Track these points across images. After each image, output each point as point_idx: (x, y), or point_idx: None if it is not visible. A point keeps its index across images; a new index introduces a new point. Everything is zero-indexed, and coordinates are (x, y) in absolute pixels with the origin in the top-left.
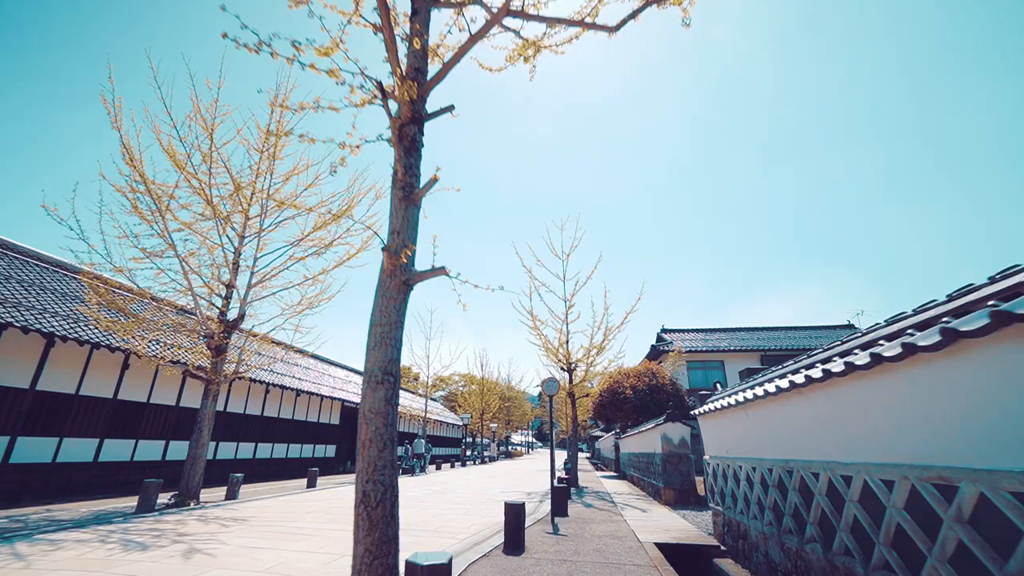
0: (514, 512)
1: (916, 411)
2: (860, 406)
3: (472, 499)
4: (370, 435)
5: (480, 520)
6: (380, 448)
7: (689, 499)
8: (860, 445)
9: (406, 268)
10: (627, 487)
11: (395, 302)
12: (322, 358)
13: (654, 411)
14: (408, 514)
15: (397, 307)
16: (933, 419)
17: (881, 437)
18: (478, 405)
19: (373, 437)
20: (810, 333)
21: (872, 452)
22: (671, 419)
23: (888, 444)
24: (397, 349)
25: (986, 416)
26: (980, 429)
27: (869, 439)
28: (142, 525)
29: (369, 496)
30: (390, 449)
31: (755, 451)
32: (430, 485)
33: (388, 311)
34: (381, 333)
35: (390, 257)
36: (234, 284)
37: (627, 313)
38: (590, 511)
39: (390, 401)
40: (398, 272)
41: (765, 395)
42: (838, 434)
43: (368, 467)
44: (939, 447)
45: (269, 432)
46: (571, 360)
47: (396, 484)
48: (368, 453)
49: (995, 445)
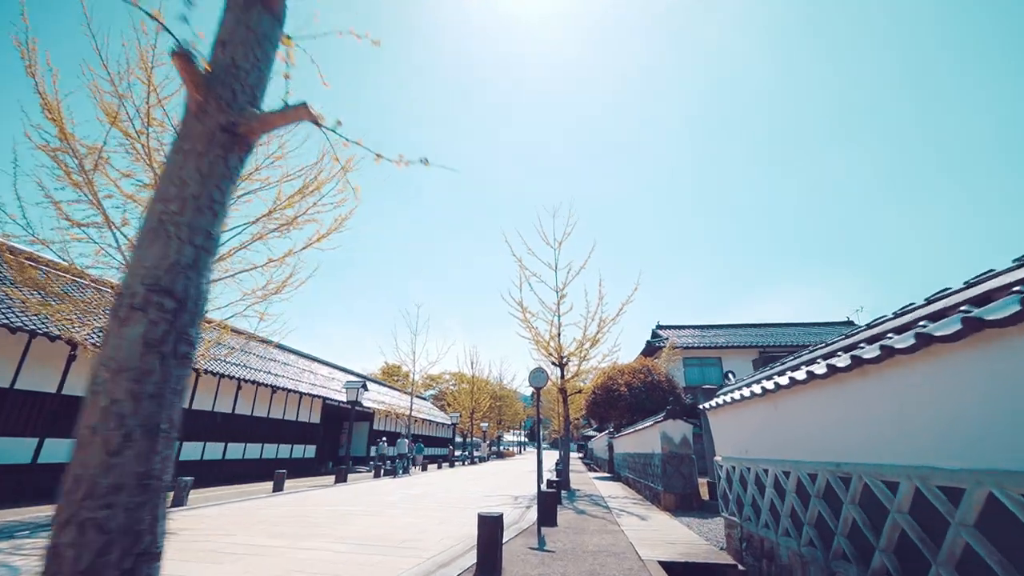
0: (489, 527)
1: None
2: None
3: (452, 504)
4: (97, 420)
5: (456, 531)
6: (116, 450)
7: (691, 504)
8: (979, 445)
9: (231, 106)
10: (622, 489)
11: (202, 161)
12: (304, 354)
13: (650, 409)
14: (373, 524)
15: (205, 171)
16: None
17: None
18: (468, 404)
19: (102, 425)
20: (809, 330)
21: (1000, 454)
22: (672, 416)
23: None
24: (195, 248)
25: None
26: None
27: (996, 436)
28: (40, 542)
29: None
30: (151, 453)
31: (787, 452)
32: (409, 488)
33: (186, 176)
34: (163, 216)
35: (197, 83)
36: None
37: (623, 304)
38: (582, 519)
39: (160, 349)
40: (213, 110)
41: (808, 379)
42: (940, 429)
43: (80, 494)
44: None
45: (241, 431)
46: (563, 354)
47: (159, 532)
48: (86, 460)
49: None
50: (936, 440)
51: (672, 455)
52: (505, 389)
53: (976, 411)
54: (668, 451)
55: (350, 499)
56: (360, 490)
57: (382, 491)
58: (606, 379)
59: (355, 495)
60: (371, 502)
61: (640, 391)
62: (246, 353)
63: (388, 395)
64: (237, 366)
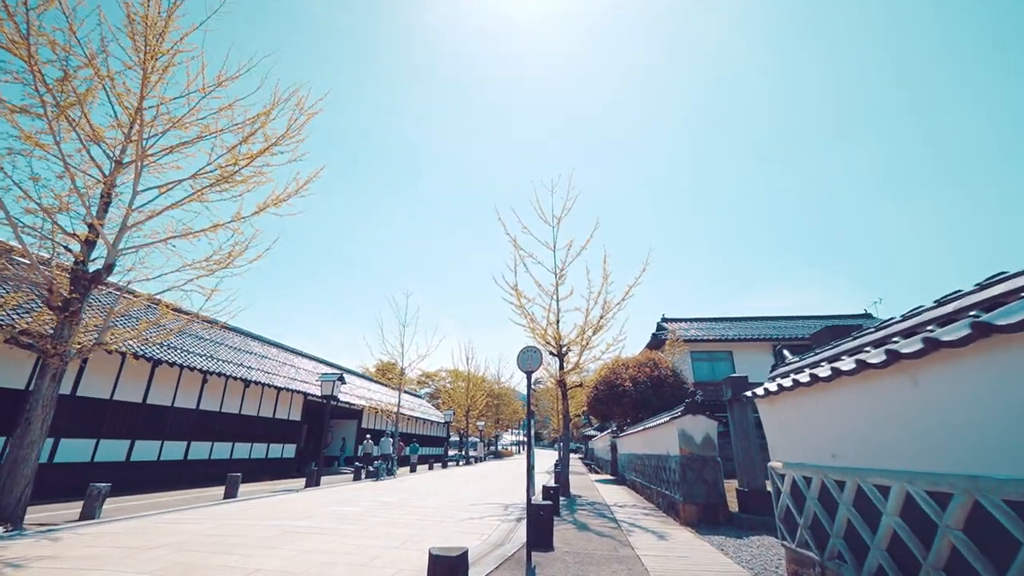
0: (446, 572)
1: None
2: None
3: (427, 516)
4: None
5: (416, 561)
6: None
7: (718, 517)
8: None
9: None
10: (629, 495)
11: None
12: (287, 347)
13: (656, 406)
14: (311, 549)
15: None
16: None
17: None
18: (463, 402)
19: None
20: (825, 322)
21: None
22: (692, 410)
23: None
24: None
25: None
26: None
27: None
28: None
29: None
30: None
31: (927, 458)
32: (388, 493)
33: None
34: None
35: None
36: (100, 223)
37: (629, 287)
38: (585, 538)
39: None
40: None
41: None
42: None
43: None
44: None
45: (205, 429)
46: (562, 342)
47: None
48: None
49: None
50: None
51: (693, 457)
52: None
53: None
54: (688, 453)
55: (306, 509)
56: (326, 498)
57: (351, 498)
58: (609, 373)
59: (316, 504)
60: (329, 514)
61: (646, 386)
62: (217, 344)
63: (380, 392)
64: (202, 357)
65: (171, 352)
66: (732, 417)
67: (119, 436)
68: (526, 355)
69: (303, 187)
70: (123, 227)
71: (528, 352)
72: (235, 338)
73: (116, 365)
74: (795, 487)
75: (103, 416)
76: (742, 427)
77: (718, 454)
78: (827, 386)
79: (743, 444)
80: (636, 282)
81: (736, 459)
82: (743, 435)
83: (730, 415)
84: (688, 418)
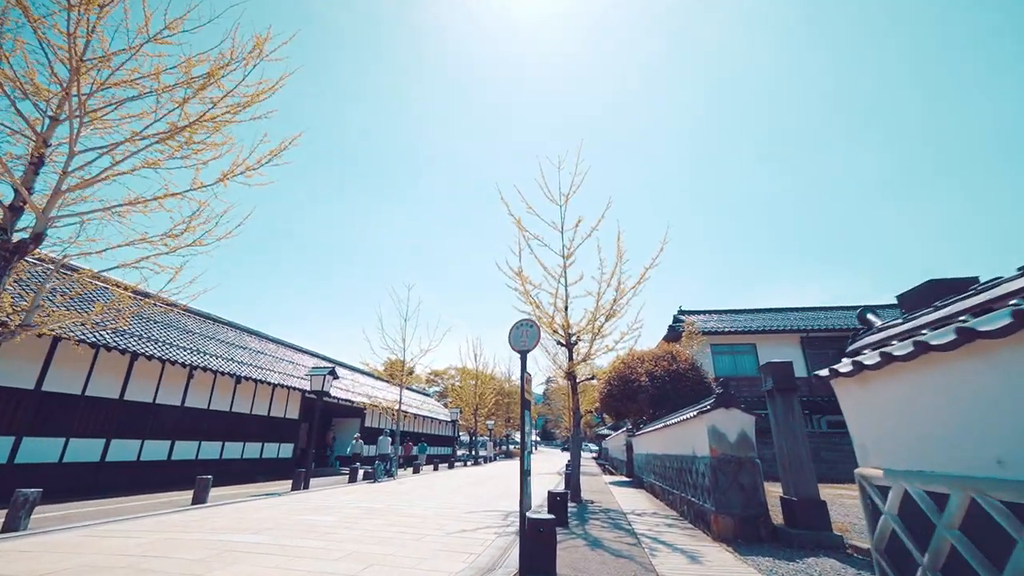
0: None
1: None
2: None
3: (412, 527)
4: None
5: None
6: None
7: (758, 531)
8: None
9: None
10: (647, 501)
11: None
12: (287, 343)
13: (675, 402)
14: (249, 574)
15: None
16: None
17: None
18: (471, 400)
19: None
20: (854, 313)
21: None
22: (723, 403)
23: None
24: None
25: None
26: None
27: None
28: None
29: None
30: None
31: None
32: (378, 498)
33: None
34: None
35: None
36: (28, 186)
37: (646, 268)
38: (598, 559)
39: None
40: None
41: None
42: None
43: None
44: None
45: (191, 428)
46: (571, 331)
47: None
48: None
49: None
50: None
51: (726, 459)
52: (513, 386)
53: None
54: (720, 454)
55: (273, 519)
56: (306, 503)
57: (334, 504)
58: (623, 367)
59: (289, 512)
60: (295, 525)
61: (663, 381)
62: (207, 338)
63: (385, 390)
64: (188, 351)
65: (151, 345)
66: (774, 411)
67: (92, 435)
68: (520, 331)
69: (277, 153)
70: (56, 191)
71: (522, 327)
72: (228, 332)
73: (89, 359)
74: (910, 507)
75: (73, 413)
76: (787, 423)
77: (756, 455)
78: (982, 348)
79: (789, 443)
80: (653, 263)
81: (780, 461)
82: (788, 432)
83: (771, 409)
84: (720, 412)
